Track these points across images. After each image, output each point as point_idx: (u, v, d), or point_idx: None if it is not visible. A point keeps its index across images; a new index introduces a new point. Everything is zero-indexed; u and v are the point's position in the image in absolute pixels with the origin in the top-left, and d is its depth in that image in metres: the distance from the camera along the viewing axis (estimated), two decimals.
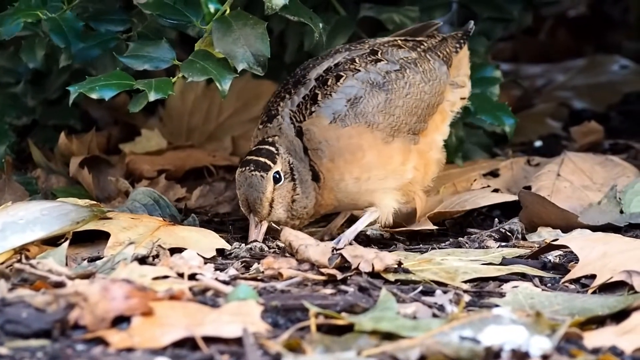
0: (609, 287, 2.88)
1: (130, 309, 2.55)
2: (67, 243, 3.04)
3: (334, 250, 2.94)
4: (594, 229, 3.31)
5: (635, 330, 2.58)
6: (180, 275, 2.84)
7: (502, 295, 2.84)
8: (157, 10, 3.20)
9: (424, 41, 3.38)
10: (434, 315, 2.69)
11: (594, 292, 2.86)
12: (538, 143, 4.17)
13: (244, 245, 3.17)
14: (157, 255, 3.03)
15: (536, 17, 4.46)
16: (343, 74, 3.24)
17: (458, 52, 3.42)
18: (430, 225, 3.33)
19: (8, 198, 3.51)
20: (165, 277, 2.81)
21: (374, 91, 3.23)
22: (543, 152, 3.97)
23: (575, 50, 4.99)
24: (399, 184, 3.26)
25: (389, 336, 2.53)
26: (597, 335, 2.58)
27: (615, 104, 4.52)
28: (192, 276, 2.84)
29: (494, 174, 3.71)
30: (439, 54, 3.36)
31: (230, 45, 3.16)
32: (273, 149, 3.19)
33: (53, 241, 3.10)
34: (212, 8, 3.08)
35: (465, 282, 2.92)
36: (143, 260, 2.99)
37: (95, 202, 3.29)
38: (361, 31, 3.76)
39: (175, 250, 3.05)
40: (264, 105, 3.35)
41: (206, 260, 3.02)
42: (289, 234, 3.02)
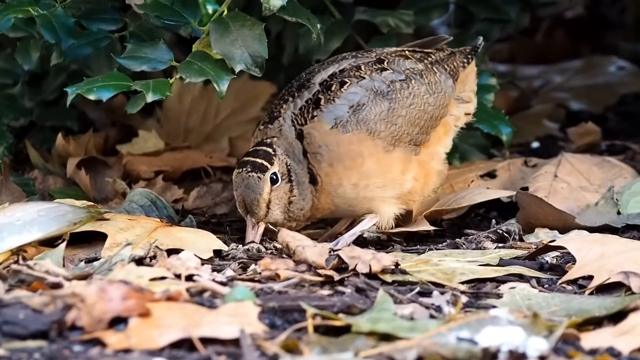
0: (606, 288, 2.88)
1: (127, 310, 2.55)
2: (65, 244, 3.04)
3: (331, 252, 2.94)
4: (591, 230, 3.31)
5: (632, 331, 2.58)
6: (178, 276, 2.84)
7: (500, 296, 2.84)
8: (155, 11, 3.20)
9: (432, 53, 3.37)
10: (431, 316, 2.69)
11: (591, 293, 2.86)
12: (535, 144, 4.17)
13: (241, 246, 3.16)
14: (155, 257, 3.03)
15: (533, 18, 4.45)
16: (347, 81, 3.24)
17: (465, 67, 3.42)
18: (427, 226, 3.32)
19: (5, 199, 3.51)
20: (163, 278, 2.81)
21: (378, 99, 3.23)
22: (540, 153, 3.96)
23: (573, 51, 5.00)
24: (398, 193, 3.26)
25: (386, 337, 2.53)
26: (595, 336, 2.58)
27: (612, 105, 4.52)
28: (190, 277, 2.84)
29: (492, 175, 3.71)
30: (445, 67, 3.36)
31: (228, 46, 3.16)
32: (270, 150, 3.19)
33: (50, 242, 3.09)
34: (210, 9, 3.08)
35: (462, 283, 2.92)
36: (140, 262, 2.99)
37: (92, 203, 3.29)
38: (356, 34, 3.76)
39: (172, 252, 3.05)
40: (269, 108, 3.35)
41: (203, 262, 3.02)
42: (286, 235, 3.02)
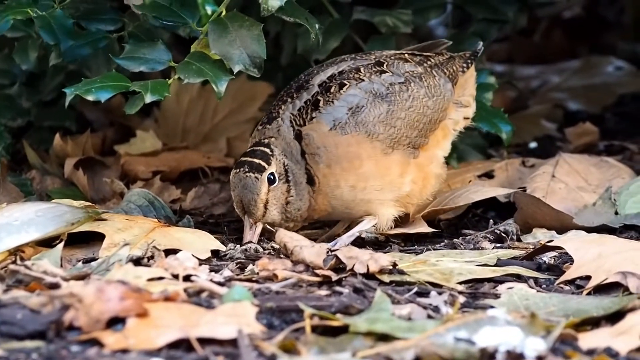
0: (604, 289, 2.88)
1: (125, 310, 2.55)
2: (62, 244, 3.04)
3: (329, 252, 2.94)
4: (589, 230, 3.31)
5: (630, 332, 2.58)
6: (175, 276, 2.84)
7: (497, 296, 2.84)
8: (153, 11, 3.20)
9: (431, 57, 3.37)
10: (429, 317, 2.69)
11: (588, 294, 2.87)
12: (533, 144, 4.17)
13: (238, 246, 3.16)
14: (152, 257, 3.03)
15: (531, 19, 4.46)
16: (347, 83, 3.24)
17: (465, 72, 3.41)
18: (425, 228, 3.32)
19: (3, 199, 3.51)
20: (160, 279, 2.80)
21: (376, 101, 3.23)
22: (538, 154, 3.97)
23: (570, 51, 5.00)
24: (396, 195, 3.25)
25: (384, 337, 2.53)
26: (592, 337, 2.58)
27: (610, 105, 4.52)
28: (187, 277, 2.84)
29: (489, 176, 3.71)
30: (445, 71, 3.35)
31: (226, 46, 3.15)
32: (268, 150, 3.19)
33: (48, 242, 3.09)
34: (209, 10, 3.08)
35: (460, 284, 2.92)
36: (138, 262, 2.98)
37: (90, 204, 3.29)
38: (354, 34, 3.76)
39: (170, 252, 3.05)
40: (267, 108, 3.35)
41: (201, 262, 3.02)
42: (284, 235, 3.02)
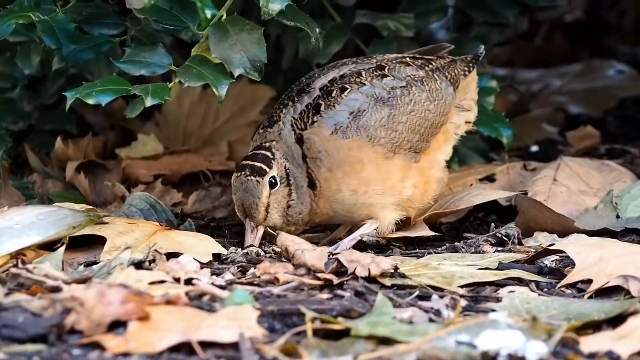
0: (606, 292, 2.88)
1: (126, 314, 2.55)
2: (64, 248, 3.04)
3: (331, 255, 2.94)
4: (590, 233, 3.31)
5: (631, 335, 2.58)
6: (177, 280, 2.84)
7: (499, 300, 2.84)
8: (154, 15, 3.20)
9: (433, 61, 3.37)
10: (431, 320, 2.69)
11: (590, 297, 2.86)
12: (534, 148, 4.17)
13: (240, 250, 3.16)
14: (154, 260, 3.03)
15: (532, 22, 4.45)
16: (348, 87, 3.23)
17: (466, 76, 3.41)
18: (427, 231, 3.32)
19: (4, 203, 3.51)
20: (162, 282, 2.81)
21: (378, 106, 3.22)
22: (539, 157, 3.96)
23: (571, 55, 4.99)
24: (397, 200, 3.25)
25: (385, 341, 2.53)
26: (594, 340, 2.58)
27: (611, 108, 4.52)
28: (189, 281, 2.84)
29: (491, 179, 3.70)
30: (446, 75, 3.35)
31: (227, 50, 3.16)
32: (269, 153, 3.19)
33: (49, 246, 3.09)
34: (209, 13, 3.08)
35: (461, 287, 2.92)
36: (139, 265, 2.99)
37: (91, 207, 3.29)
38: (356, 38, 3.76)
39: (171, 255, 3.05)
40: (268, 112, 3.34)
41: (202, 265, 3.02)
42: (285, 239, 3.02)
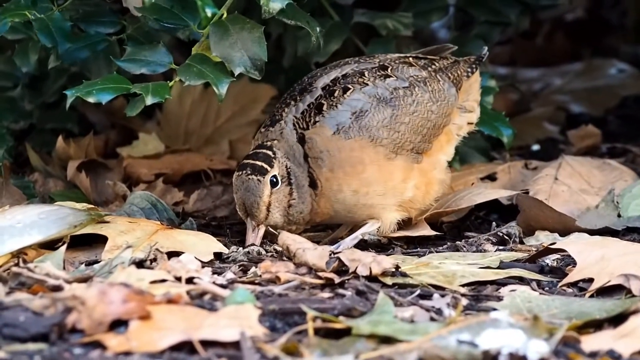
0: (607, 291, 2.88)
1: (127, 313, 2.55)
2: (65, 247, 3.04)
3: (332, 254, 2.94)
4: (592, 232, 3.31)
5: (632, 334, 2.58)
6: (178, 279, 2.84)
7: (500, 299, 2.84)
8: (154, 14, 3.20)
9: (436, 61, 3.37)
10: (432, 319, 2.69)
11: (591, 296, 2.86)
12: (535, 147, 4.17)
13: (241, 249, 3.16)
14: (155, 259, 3.03)
15: (533, 21, 4.45)
16: (351, 87, 3.23)
17: (469, 77, 3.40)
18: (428, 231, 3.32)
19: (6, 202, 3.51)
20: (163, 281, 2.81)
21: (380, 106, 3.22)
22: (541, 156, 3.96)
23: (573, 54, 4.99)
24: (399, 200, 3.25)
25: (387, 340, 2.53)
26: (595, 339, 2.58)
27: (612, 107, 4.52)
28: (190, 280, 2.84)
29: (492, 178, 3.70)
30: (449, 76, 3.34)
31: (228, 49, 3.16)
32: (270, 152, 3.19)
33: (51, 245, 3.09)
34: (209, 12, 3.08)
35: (462, 286, 2.92)
36: (141, 264, 2.99)
37: (92, 206, 3.29)
38: (355, 37, 3.76)
39: (172, 254, 3.05)
40: (270, 110, 3.34)
41: (204, 264, 3.02)
42: (287, 238, 3.02)
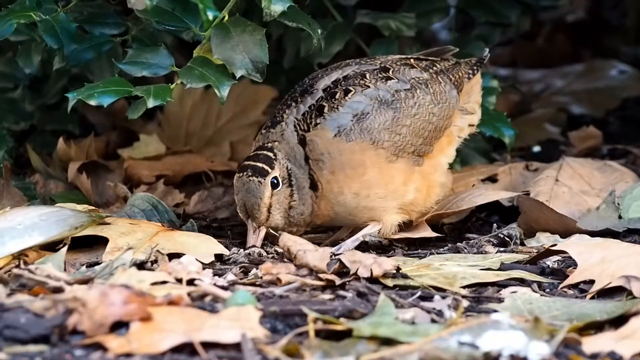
0: (608, 293, 2.88)
1: (128, 314, 2.55)
2: (66, 248, 3.04)
3: (333, 256, 2.94)
4: (593, 234, 3.31)
5: (633, 336, 2.58)
6: (179, 280, 2.84)
7: (501, 300, 2.84)
8: (156, 16, 3.20)
9: (437, 63, 3.36)
10: (433, 321, 2.69)
11: (592, 298, 2.86)
12: (536, 148, 4.17)
13: (242, 250, 3.16)
14: (156, 261, 3.03)
15: (534, 22, 4.45)
16: (352, 89, 3.22)
17: (470, 79, 3.40)
18: (429, 232, 3.32)
19: (6, 203, 3.51)
20: (164, 283, 2.81)
21: (382, 108, 3.21)
22: (541, 158, 3.96)
23: (574, 55, 4.99)
24: (399, 203, 3.24)
25: (388, 341, 2.53)
26: (596, 341, 2.58)
27: (613, 109, 4.52)
28: (191, 281, 2.84)
29: (493, 180, 3.70)
30: (450, 78, 3.34)
31: (229, 51, 3.16)
32: (271, 154, 3.19)
33: (51, 246, 3.10)
34: (211, 15, 3.07)
35: (463, 288, 2.92)
36: (141, 266, 2.99)
37: (93, 208, 3.29)
38: (357, 37, 3.76)
39: (173, 256, 3.05)
40: (271, 112, 3.34)
41: (205, 266, 3.02)
42: (288, 239, 3.02)
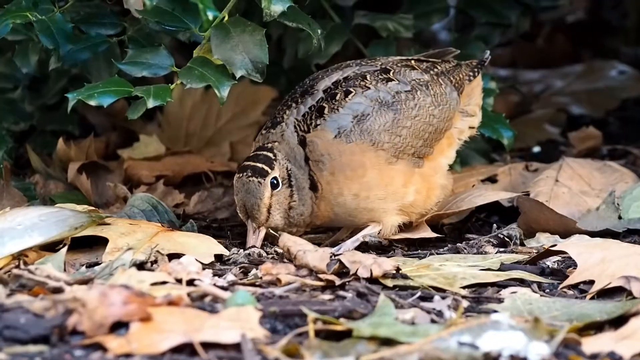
0: (608, 293, 2.87)
1: (128, 315, 2.55)
2: (66, 249, 3.04)
3: (333, 256, 2.94)
4: (592, 234, 3.31)
5: (633, 336, 2.58)
6: (179, 280, 2.84)
7: (501, 300, 2.84)
8: (156, 17, 3.20)
9: (438, 64, 3.36)
10: (433, 321, 2.69)
11: (592, 298, 2.86)
12: (536, 149, 4.17)
13: (242, 251, 3.16)
14: (156, 261, 3.03)
15: (534, 23, 4.45)
16: (352, 90, 3.22)
17: (471, 81, 3.40)
18: (429, 233, 3.32)
19: (6, 204, 3.51)
20: (164, 283, 2.81)
21: (382, 110, 3.21)
22: (541, 158, 3.96)
23: (574, 55, 4.99)
24: (399, 205, 3.24)
25: (387, 342, 2.53)
26: (596, 341, 2.58)
27: (613, 109, 4.52)
28: (191, 282, 2.84)
29: (493, 180, 3.70)
30: (451, 79, 3.33)
31: (229, 52, 3.16)
32: (271, 154, 3.19)
33: (51, 247, 3.09)
34: (211, 15, 3.07)
35: (463, 288, 2.92)
36: (141, 266, 2.99)
37: (93, 208, 3.29)
38: (355, 38, 3.76)
39: (173, 256, 3.05)
40: (271, 112, 3.34)
41: (204, 266, 3.02)
42: (287, 240, 3.02)
